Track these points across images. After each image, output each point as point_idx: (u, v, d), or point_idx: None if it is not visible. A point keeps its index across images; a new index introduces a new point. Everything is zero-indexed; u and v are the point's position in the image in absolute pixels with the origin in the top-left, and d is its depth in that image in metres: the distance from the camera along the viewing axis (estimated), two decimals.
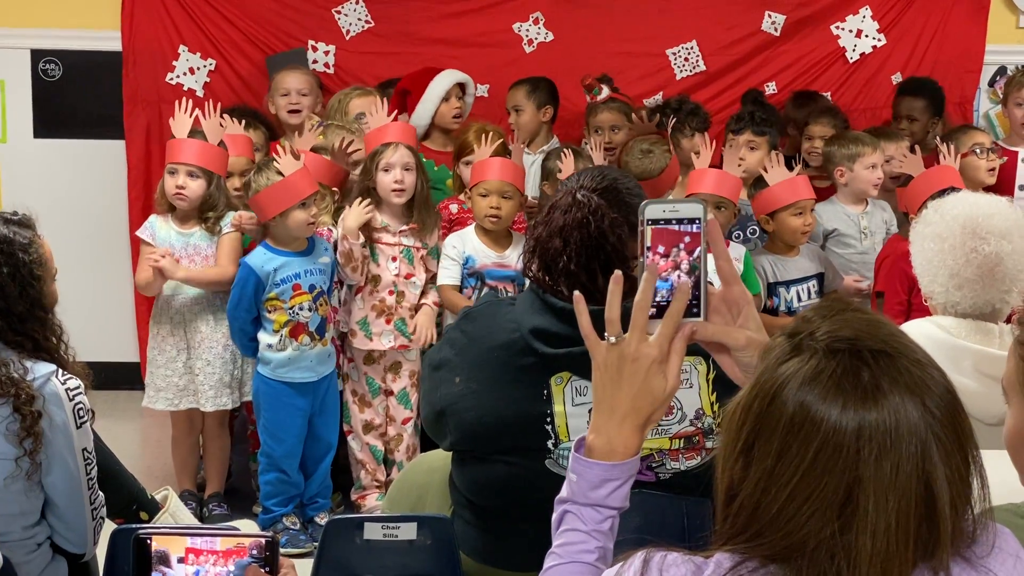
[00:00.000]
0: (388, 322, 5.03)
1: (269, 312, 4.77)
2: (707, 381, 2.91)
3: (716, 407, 2.89)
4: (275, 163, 4.72)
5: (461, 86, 5.86)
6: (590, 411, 1.86)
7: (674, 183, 5.22)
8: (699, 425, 2.91)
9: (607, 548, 1.86)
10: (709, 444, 2.91)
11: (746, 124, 5.50)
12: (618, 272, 1.84)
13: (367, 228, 4.98)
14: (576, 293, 1.91)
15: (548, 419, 2.89)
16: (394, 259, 5.04)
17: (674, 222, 1.82)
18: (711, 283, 1.86)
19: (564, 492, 1.88)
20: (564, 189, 2.95)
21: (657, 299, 1.81)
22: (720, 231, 1.88)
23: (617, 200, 2.87)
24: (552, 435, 2.89)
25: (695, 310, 1.83)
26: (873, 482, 1.52)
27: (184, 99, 4.98)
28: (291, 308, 4.77)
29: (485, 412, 2.92)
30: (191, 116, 4.92)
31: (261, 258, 4.76)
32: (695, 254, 1.82)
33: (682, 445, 2.91)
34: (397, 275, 5.04)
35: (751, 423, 1.59)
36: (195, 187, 4.89)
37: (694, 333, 1.83)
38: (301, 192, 4.71)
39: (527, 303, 2.94)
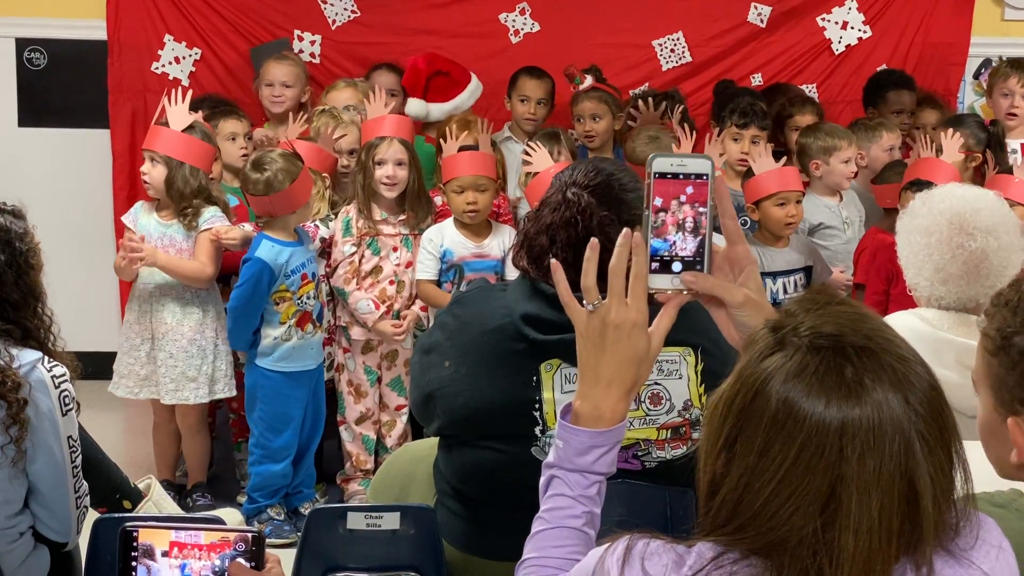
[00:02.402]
0: (387, 313, 5.03)
1: (276, 304, 4.74)
2: (696, 372, 2.91)
3: (704, 399, 2.89)
4: (285, 152, 4.71)
5: None
6: None
7: None
8: (687, 416, 2.91)
9: (594, 513, 1.87)
10: (696, 435, 2.91)
11: (751, 119, 5.47)
12: (594, 240, 1.85)
13: (369, 223, 5.01)
14: (553, 261, 1.92)
15: (536, 406, 2.88)
16: (395, 249, 5.06)
17: (681, 176, 1.83)
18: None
19: (551, 457, 1.89)
20: (556, 184, 2.91)
21: (662, 253, 1.83)
22: (727, 188, 1.89)
23: (609, 197, 2.82)
24: (540, 422, 2.89)
25: (699, 265, 1.84)
26: (856, 480, 1.52)
27: (173, 90, 4.93)
28: (300, 298, 4.76)
29: (473, 396, 2.92)
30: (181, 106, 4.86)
31: (271, 251, 4.71)
32: (701, 208, 1.83)
33: (669, 435, 2.91)
34: (398, 264, 5.06)
35: (734, 418, 1.59)
36: (155, 174, 4.81)
37: (693, 283, 1.84)
38: (313, 181, 4.74)
39: (519, 289, 2.93)
